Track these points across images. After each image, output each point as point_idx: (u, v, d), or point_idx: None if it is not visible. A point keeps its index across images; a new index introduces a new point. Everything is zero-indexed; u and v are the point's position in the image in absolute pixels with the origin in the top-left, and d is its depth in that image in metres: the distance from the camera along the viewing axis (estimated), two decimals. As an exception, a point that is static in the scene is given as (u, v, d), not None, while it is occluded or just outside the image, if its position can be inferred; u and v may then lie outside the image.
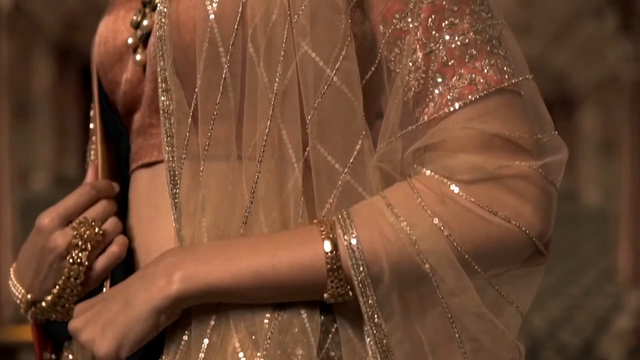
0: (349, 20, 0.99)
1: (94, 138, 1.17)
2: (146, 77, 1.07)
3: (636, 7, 10.82)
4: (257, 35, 0.98)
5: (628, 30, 10.91)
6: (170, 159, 1.01)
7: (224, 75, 0.99)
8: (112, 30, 1.11)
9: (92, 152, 1.18)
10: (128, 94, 1.09)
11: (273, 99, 0.97)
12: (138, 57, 1.07)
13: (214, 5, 0.99)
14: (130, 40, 1.08)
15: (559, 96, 13.81)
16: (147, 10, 1.08)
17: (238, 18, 0.99)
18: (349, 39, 0.98)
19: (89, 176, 1.14)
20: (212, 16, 0.99)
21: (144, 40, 1.07)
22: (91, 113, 1.17)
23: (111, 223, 1.07)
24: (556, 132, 0.99)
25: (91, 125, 1.17)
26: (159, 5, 1.03)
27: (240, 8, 0.99)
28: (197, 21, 0.99)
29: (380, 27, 1.00)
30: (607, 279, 8.92)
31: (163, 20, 1.02)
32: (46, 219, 1.05)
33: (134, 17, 1.08)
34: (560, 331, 7.42)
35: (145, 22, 1.07)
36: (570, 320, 7.89)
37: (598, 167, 13.46)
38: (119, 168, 1.14)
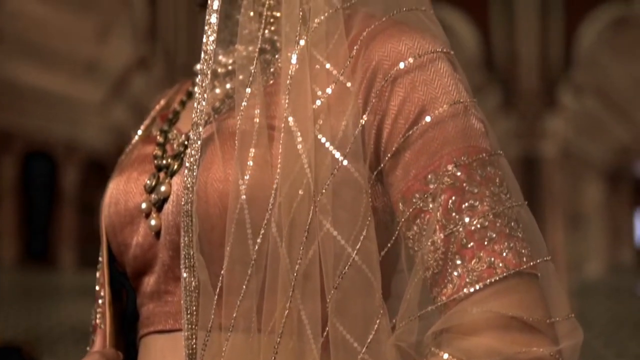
0: (369, 199, 1.00)
1: (100, 301, 1.15)
2: (161, 244, 1.05)
3: (518, 85, 11.13)
4: (280, 214, 0.98)
5: (510, 107, 11.20)
6: (190, 336, 1.00)
7: (252, 259, 0.98)
8: (124, 192, 1.10)
9: (99, 316, 1.15)
10: (139, 257, 1.08)
11: (294, 280, 0.97)
12: (153, 222, 1.05)
13: (245, 187, 0.98)
14: (144, 205, 1.06)
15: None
16: (162, 175, 1.07)
17: (271, 201, 0.98)
18: (369, 219, 0.99)
19: (98, 343, 1.11)
20: (243, 196, 0.98)
21: (159, 205, 1.06)
22: (97, 274, 1.15)
23: None
24: (572, 315, 0.99)
25: (96, 287, 1.15)
26: (186, 177, 1.02)
27: (273, 192, 0.98)
28: (229, 200, 0.99)
29: (400, 204, 1.00)
30: None
31: (190, 195, 1.00)
32: None
33: (148, 181, 1.07)
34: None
35: (162, 188, 1.05)
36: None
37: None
38: (123, 328, 1.13)
